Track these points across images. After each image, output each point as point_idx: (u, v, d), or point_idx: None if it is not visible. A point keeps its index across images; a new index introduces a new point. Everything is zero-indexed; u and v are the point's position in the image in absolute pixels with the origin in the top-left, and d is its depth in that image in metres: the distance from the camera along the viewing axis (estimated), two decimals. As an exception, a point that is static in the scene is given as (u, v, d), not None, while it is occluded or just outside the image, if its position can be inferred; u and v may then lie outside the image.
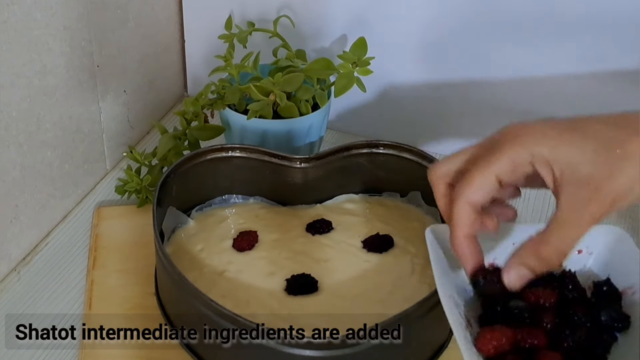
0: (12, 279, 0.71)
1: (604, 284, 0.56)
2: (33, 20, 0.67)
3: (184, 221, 0.72)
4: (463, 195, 0.48)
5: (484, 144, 0.50)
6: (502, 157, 0.47)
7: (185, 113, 0.77)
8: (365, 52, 0.74)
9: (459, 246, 0.50)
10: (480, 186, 0.47)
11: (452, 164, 0.51)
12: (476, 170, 0.48)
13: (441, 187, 0.51)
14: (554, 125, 0.47)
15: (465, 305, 0.54)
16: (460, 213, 0.48)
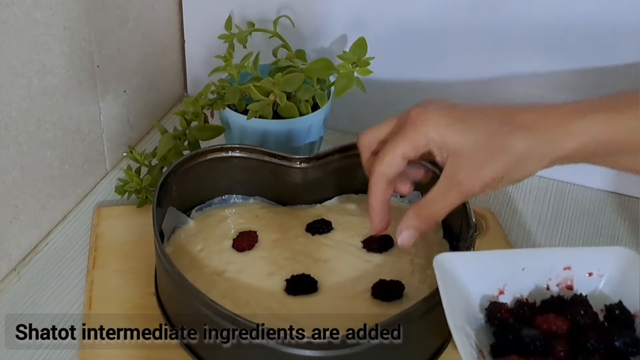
0: (12, 279, 0.71)
1: (616, 307, 0.56)
2: (33, 21, 0.67)
3: (184, 221, 0.72)
4: (377, 171, 0.58)
5: (399, 119, 0.59)
6: (405, 140, 0.57)
7: (185, 113, 0.77)
8: (365, 52, 0.74)
9: (371, 210, 0.61)
10: (389, 163, 0.57)
11: (376, 134, 0.60)
12: (386, 149, 0.58)
13: (365, 154, 0.61)
14: (450, 114, 0.56)
15: (476, 335, 0.54)
16: (374, 184, 0.59)
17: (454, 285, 0.55)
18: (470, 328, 0.54)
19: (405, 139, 0.57)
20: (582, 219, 0.83)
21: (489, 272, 0.58)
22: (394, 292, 0.66)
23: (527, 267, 0.58)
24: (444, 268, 0.56)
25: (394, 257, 0.70)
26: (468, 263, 0.58)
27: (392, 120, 0.60)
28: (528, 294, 0.59)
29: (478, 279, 0.58)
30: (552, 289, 0.58)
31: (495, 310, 0.57)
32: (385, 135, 0.60)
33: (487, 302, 0.58)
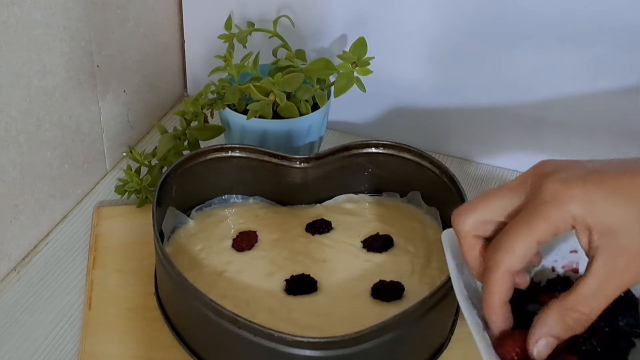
0: (11, 279, 0.71)
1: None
2: (33, 20, 0.67)
3: (184, 221, 0.72)
4: (503, 264, 0.46)
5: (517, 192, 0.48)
6: (546, 222, 0.45)
7: (185, 113, 0.77)
8: (365, 52, 0.74)
9: (494, 314, 0.49)
10: (523, 254, 0.46)
11: (480, 214, 0.49)
12: (517, 236, 0.46)
13: (470, 240, 0.49)
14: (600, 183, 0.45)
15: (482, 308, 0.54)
16: (498, 282, 0.47)
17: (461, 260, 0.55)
18: (477, 301, 0.53)
19: (543, 221, 0.45)
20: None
21: None
22: (394, 293, 0.66)
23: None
24: (452, 243, 0.54)
25: (394, 257, 0.70)
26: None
27: (503, 193, 0.48)
28: (533, 274, 0.58)
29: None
30: (557, 271, 0.58)
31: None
32: (501, 216, 0.48)
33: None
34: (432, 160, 0.71)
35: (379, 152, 0.74)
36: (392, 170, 0.74)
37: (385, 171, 0.75)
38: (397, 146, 0.73)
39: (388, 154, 0.74)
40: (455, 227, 0.50)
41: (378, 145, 0.74)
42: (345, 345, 0.56)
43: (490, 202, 0.48)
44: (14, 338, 0.65)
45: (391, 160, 0.74)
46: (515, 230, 0.46)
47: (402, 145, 0.73)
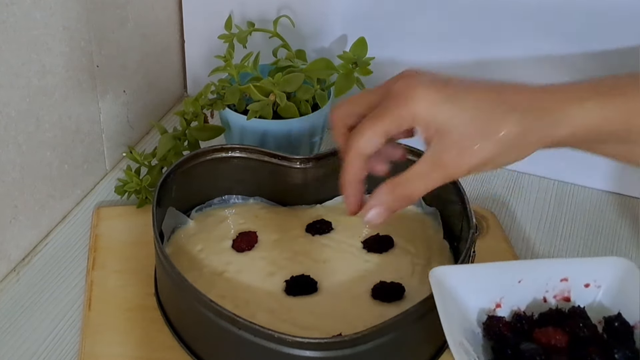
0: (11, 280, 0.71)
1: (615, 319, 0.55)
2: (32, 20, 0.67)
3: (184, 221, 0.72)
4: (354, 147, 0.54)
5: (379, 92, 0.54)
6: (388, 115, 0.52)
7: (185, 113, 0.77)
8: (365, 52, 0.74)
9: (345, 189, 0.56)
10: (369, 140, 0.53)
11: (352, 108, 0.56)
12: (367, 125, 0.53)
13: (340, 129, 0.57)
14: (440, 89, 0.51)
15: (475, 350, 0.54)
16: (351, 161, 0.54)
17: (451, 299, 0.55)
18: (469, 343, 0.53)
19: (389, 115, 0.52)
20: (583, 219, 0.83)
21: (485, 285, 0.57)
22: (394, 294, 0.65)
23: (524, 279, 0.57)
24: (440, 282, 0.55)
25: (394, 258, 0.70)
26: (463, 276, 0.57)
27: (370, 92, 0.55)
28: (525, 307, 0.58)
29: (474, 293, 0.57)
30: (549, 301, 0.58)
31: (493, 324, 0.56)
32: (364, 108, 0.55)
33: (484, 316, 0.57)
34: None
35: (379, 153, 0.74)
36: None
37: (385, 171, 0.75)
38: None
39: (388, 154, 0.73)
40: (331, 114, 0.57)
41: (378, 146, 0.73)
42: (345, 346, 0.56)
43: (358, 98, 0.56)
44: (13, 339, 0.65)
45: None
46: (367, 120, 0.53)
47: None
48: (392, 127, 0.52)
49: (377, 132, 0.53)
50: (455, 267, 0.60)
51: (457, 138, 0.51)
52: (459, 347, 0.51)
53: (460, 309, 0.55)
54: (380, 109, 0.53)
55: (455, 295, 0.55)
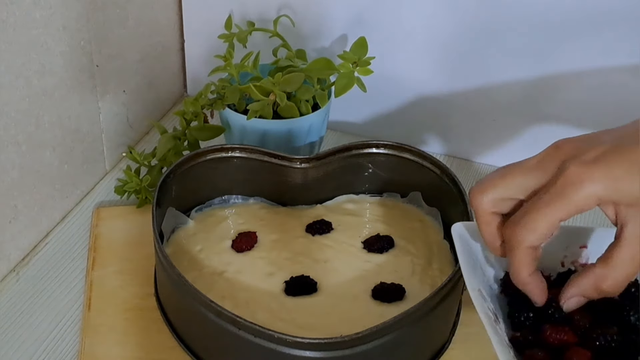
0: (11, 280, 0.71)
1: (632, 284, 0.55)
2: (32, 20, 0.67)
3: (184, 221, 0.72)
4: (526, 242, 0.48)
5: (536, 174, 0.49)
6: (569, 204, 0.47)
7: (185, 113, 0.77)
8: (365, 51, 0.74)
9: (527, 285, 0.51)
10: (546, 232, 0.48)
11: (499, 193, 0.50)
12: (541, 216, 0.47)
13: (487, 218, 0.51)
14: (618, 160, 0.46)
15: (492, 301, 0.54)
16: (524, 258, 0.49)
17: (471, 252, 0.55)
18: (486, 293, 0.53)
19: (567, 203, 0.47)
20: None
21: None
22: (395, 295, 0.65)
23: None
24: (461, 236, 0.55)
25: (394, 258, 0.70)
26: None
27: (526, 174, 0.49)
28: (542, 268, 0.58)
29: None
30: (567, 266, 0.58)
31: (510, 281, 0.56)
32: (521, 194, 0.49)
33: (501, 273, 0.57)
34: (433, 160, 0.71)
35: (379, 153, 0.74)
36: (392, 170, 0.74)
37: (386, 171, 0.75)
38: (398, 146, 0.73)
39: (389, 154, 0.73)
40: (474, 204, 0.51)
41: (379, 146, 0.73)
42: (346, 346, 0.55)
43: (509, 181, 0.50)
44: (13, 339, 0.65)
45: (392, 161, 0.73)
46: (538, 210, 0.47)
47: (403, 145, 0.73)
48: (571, 214, 0.47)
49: (554, 222, 0.47)
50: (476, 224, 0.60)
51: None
52: (478, 293, 0.51)
53: (479, 263, 0.55)
54: (555, 196, 0.47)
55: (475, 250, 0.55)
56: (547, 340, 0.52)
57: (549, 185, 0.48)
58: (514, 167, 0.50)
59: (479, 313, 0.50)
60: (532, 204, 0.48)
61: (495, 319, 0.52)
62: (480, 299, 0.51)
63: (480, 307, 0.50)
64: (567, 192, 0.47)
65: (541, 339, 0.52)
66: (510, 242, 0.49)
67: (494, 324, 0.50)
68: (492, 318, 0.51)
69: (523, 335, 0.53)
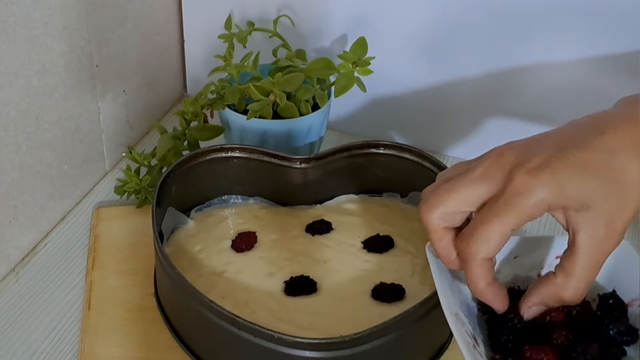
0: (10, 280, 0.71)
1: (610, 296, 0.55)
2: (32, 20, 0.67)
3: (184, 221, 0.72)
4: (480, 254, 0.48)
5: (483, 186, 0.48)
6: (519, 213, 0.46)
7: (185, 113, 0.77)
8: (365, 51, 0.74)
9: (485, 295, 0.50)
10: (499, 243, 0.47)
11: (448, 207, 0.50)
12: (492, 227, 0.47)
13: (439, 233, 0.50)
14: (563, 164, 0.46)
15: (470, 322, 0.54)
16: (480, 270, 0.49)
17: (447, 272, 0.55)
18: (464, 315, 0.53)
19: (517, 212, 0.46)
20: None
21: None
22: (394, 294, 0.65)
23: (520, 255, 0.57)
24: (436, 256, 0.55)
25: (394, 258, 0.70)
26: None
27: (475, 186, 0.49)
28: (521, 283, 0.58)
29: None
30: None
31: None
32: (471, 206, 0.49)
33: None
34: (432, 160, 0.71)
35: (379, 153, 0.74)
36: (392, 170, 0.74)
37: (385, 171, 0.75)
38: (398, 146, 0.73)
39: (389, 154, 0.73)
40: (423, 221, 0.50)
41: (379, 146, 0.73)
42: (346, 346, 0.55)
43: (456, 195, 0.49)
44: (12, 339, 0.65)
45: (392, 161, 0.73)
46: (488, 222, 0.47)
47: (403, 145, 0.73)
48: (522, 223, 0.47)
49: (506, 232, 0.47)
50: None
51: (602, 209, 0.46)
52: (455, 318, 0.51)
53: (456, 282, 0.55)
54: (504, 207, 0.47)
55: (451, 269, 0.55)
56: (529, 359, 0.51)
57: (497, 196, 0.47)
58: (460, 180, 0.49)
59: (457, 339, 0.49)
60: (483, 216, 0.48)
61: (475, 343, 0.51)
62: (458, 324, 0.50)
63: (457, 333, 0.49)
64: (516, 201, 0.46)
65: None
66: (464, 256, 0.49)
67: (473, 350, 0.50)
68: (470, 343, 0.50)
69: (503, 359, 0.52)
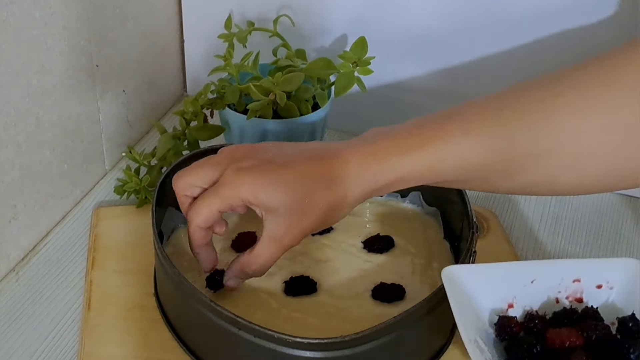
0: (10, 280, 0.71)
1: (629, 320, 0.55)
2: (32, 20, 0.67)
3: (184, 221, 0.72)
4: (194, 221, 0.59)
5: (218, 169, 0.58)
6: (222, 199, 0.58)
7: (185, 113, 0.77)
8: (365, 51, 0.74)
9: (197, 254, 0.63)
10: (206, 217, 0.59)
11: (189, 180, 0.60)
12: (203, 204, 0.59)
13: (182, 198, 0.61)
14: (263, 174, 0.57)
15: (488, 349, 0.54)
16: (193, 233, 0.61)
17: (464, 298, 0.55)
18: (483, 342, 0.53)
19: (221, 198, 0.58)
20: (584, 219, 0.82)
21: (498, 285, 0.57)
22: (394, 294, 0.65)
23: (537, 280, 0.57)
24: (452, 281, 0.55)
25: (395, 258, 0.70)
26: (476, 276, 0.57)
27: (211, 166, 0.60)
28: (538, 307, 0.58)
29: (487, 292, 0.57)
30: (562, 302, 0.58)
31: (505, 324, 0.56)
32: (205, 183, 0.59)
33: (496, 317, 0.57)
34: None
35: (379, 152, 0.73)
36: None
37: (385, 171, 0.74)
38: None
39: (389, 154, 0.73)
40: (173, 186, 0.61)
41: (378, 145, 0.73)
42: (346, 346, 0.55)
43: (197, 172, 0.60)
44: (13, 338, 0.65)
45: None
46: (202, 199, 0.59)
47: None
48: (225, 208, 0.58)
49: (212, 211, 0.58)
50: (467, 267, 0.60)
51: (284, 215, 0.57)
52: (474, 345, 0.51)
53: (473, 308, 0.55)
54: (214, 191, 0.58)
55: (468, 294, 0.55)
56: None
57: (215, 181, 0.58)
58: (205, 161, 0.60)
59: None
60: (203, 194, 0.59)
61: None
62: (477, 351, 0.51)
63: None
64: (221, 189, 0.58)
65: None
66: (188, 219, 0.60)
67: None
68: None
69: None
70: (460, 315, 0.53)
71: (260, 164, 0.57)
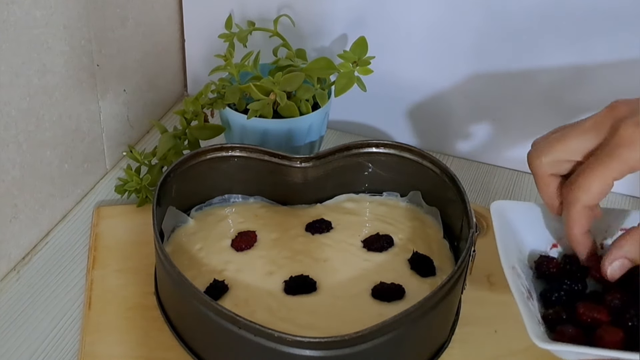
0: (11, 279, 0.71)
1: None
2: (32, 19, 0.67)
3: (184, 220, 0.72)
4: (581, 200, 0.50)
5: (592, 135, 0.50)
6: (622, 163, 0.48)
7: (185, 112, 0.77)
8: (365, 51, 0.74)
9: (578, 243, 0.54)
10: (600, 191, 0.50)
11: (557, 155, 0.52)
12: (594, 176, 0.49)
13: (546, 179, 0.53)
14: None
15: (526, 278, 0.54)
16: (578, 216, 0.52)
17: (509, 231, 0.55)
18: (520, 270, 0.54)
19: (620, 162, 0.48)
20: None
21: (544, 225, 0.58)
22: (394, 294, 0.65)
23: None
24: (501, 214, 0.56)
25: (394, 257, 0.70)
26: (525, 213, 0.57)
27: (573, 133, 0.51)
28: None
29: (533, 231, 0.57)
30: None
31: (544, 263, 0.57)
32: (577, 155, 0.51)
33: (537, 255, 0.57)
34: (432, 160, 0.71)
35: (379, 152, 0.74)
36: (392, 169, 0.74)
37: (385, 171, 0.75)
38: (398, 146, 0.73)
39: (389, 153, 0.73)
40: (532, 167, 0.53)
41: (379, 145, 0.73)
42: (346, 345, 0.55)
43: (565, 144, 0.52)
44: (13, 338, 0.65)
45: (392, 160, 0.73)
46: (592, 170, 0.49)
47: (403, 145, 0.73)
48: (623, 175, 0.49)
49: (606, 182, 0.49)
50: (518, 203, 0.59)
51: None
52: (512, 270, 0.52)
53: (516, 242, 0.55)
54: (607, 157, 0.49)
55: (513, 229, 0.56)
56: (580, 318, 0.52)
57: (602, 146, 0.49)
58: (570, 130, 0.52)
59: (512, 290, 0.50)
60: (587, 165, 0.50)
61: (529, 296, 0.52)
62: (514, 276, 0.51)
63: (512, 284, 0.51)
64: (619, 152, 0.48)
65: (574, 317, 0.52)
66: (566, 201, 0.51)
67: (526, 300, 0.50)
68: (524, 294, 0.51)
69: (556, 312, 0.53)
70: (503, 243, 0.53)
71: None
